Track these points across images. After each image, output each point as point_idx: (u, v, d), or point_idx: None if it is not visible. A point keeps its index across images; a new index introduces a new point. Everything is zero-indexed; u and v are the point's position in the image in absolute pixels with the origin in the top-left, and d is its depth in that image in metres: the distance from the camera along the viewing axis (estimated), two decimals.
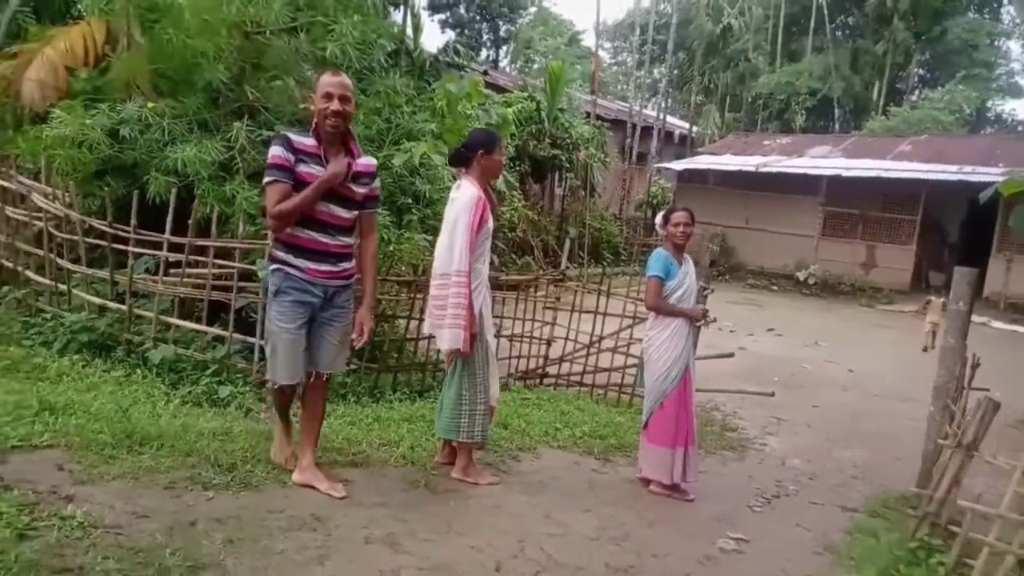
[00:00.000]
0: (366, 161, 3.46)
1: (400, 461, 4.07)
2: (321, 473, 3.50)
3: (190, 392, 4.72)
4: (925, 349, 10.32)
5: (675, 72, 29.80)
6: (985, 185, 6.18)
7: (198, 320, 5.23)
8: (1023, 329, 12.34)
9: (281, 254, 3.33)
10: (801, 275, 17.19)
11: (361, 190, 3.42)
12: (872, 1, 29.97)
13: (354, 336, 3.49)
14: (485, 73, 18.61)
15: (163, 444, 3.57)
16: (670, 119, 25.83)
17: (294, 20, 5.99)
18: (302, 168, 3.24)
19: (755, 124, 29.33)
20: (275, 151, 3.24)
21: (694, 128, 26.64)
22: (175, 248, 5.23)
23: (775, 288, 17.05)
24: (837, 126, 28.20)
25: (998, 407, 3.68)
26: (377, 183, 3.55)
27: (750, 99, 30.68)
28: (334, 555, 2.88)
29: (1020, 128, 28.75)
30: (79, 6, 7.30)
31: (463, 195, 3.84)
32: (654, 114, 23.79)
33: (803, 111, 28.82)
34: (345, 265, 3.44)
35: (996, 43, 31.85)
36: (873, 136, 22.42)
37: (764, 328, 11.34)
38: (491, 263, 4.22)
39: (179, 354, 5.06)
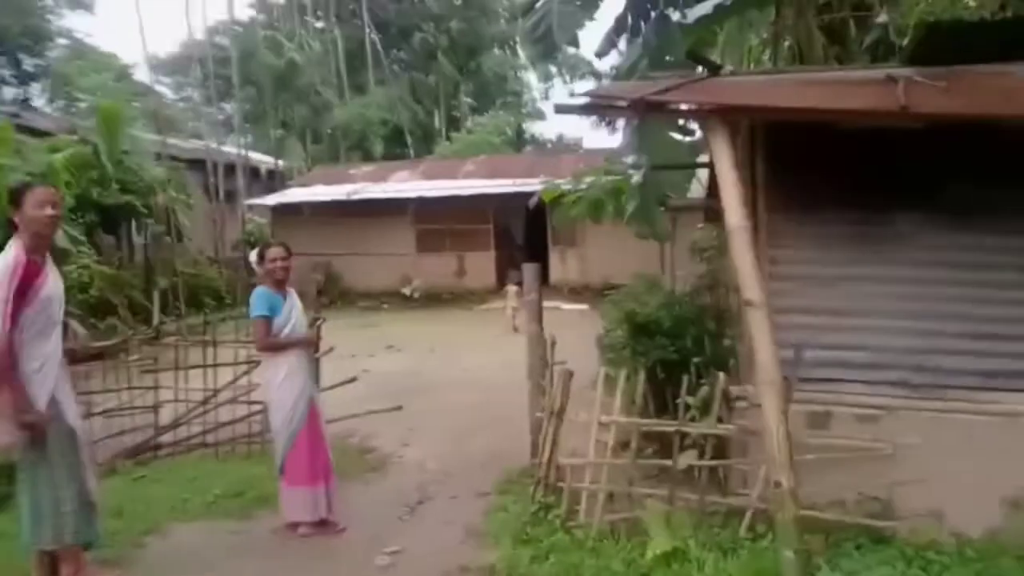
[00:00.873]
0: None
1: None
2: None
3: None
4: (516, 330, 11.91)
5: (247, 107, 29.12)
6: (533, 194, 7.40)
7: None
8: (584, 307, 15.04)
9: None
10: (406, 291, 18.36)
11: None
12: (417, 37, 33.55)
13: None
14: (15, 116, 15.76)
15: None
16: (253, 154, 25.14)
17: None
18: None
19: (338, 155, 30.36)
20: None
21: (280, 162, 26.42)
22: None
23: (386, 307, 17.88)
24: (412, 152, 30.78)
25: (572, 375, 4.44)
26: None
27: (329, 131, 31.66)
28: None
29: (548, 145, 35.23)
30: None
31: None
32: (235, 151, 22.89)
33: (380, 140, 30.82)
34: None
35: (519, 75, 38.43)
36: (443, 159, 25.05)
37: (383, 346, 11.82)
38: (72, 334, 3.60)
39: None
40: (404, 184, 20.17)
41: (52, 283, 3.36)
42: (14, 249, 3.24)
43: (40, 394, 3.25)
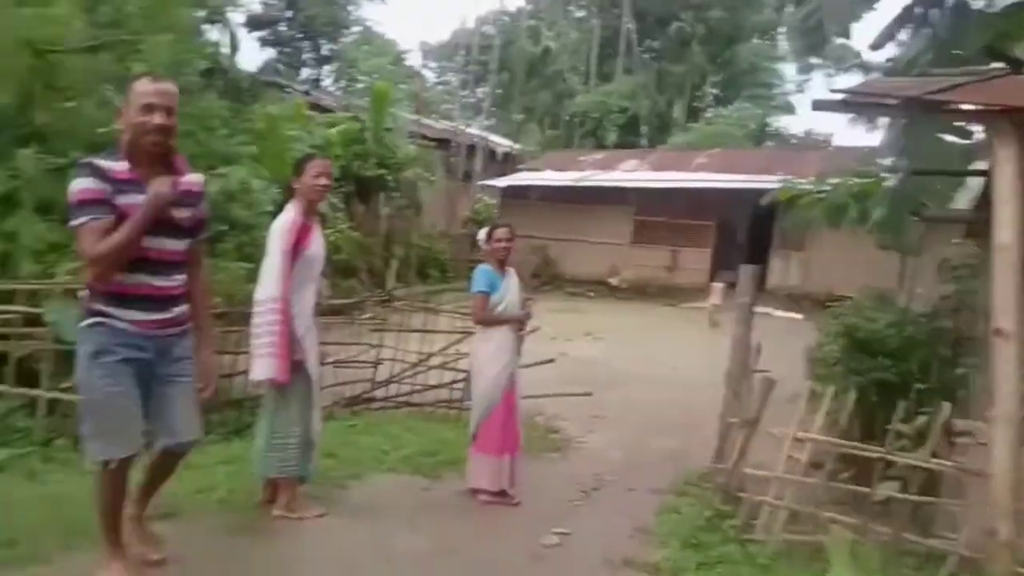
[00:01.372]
0: (192, 179, 2.88)
1: (218, 507, 3.83)
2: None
3: None
4: (715, 325, 11.89)
5: (498, 92, 30.83)
6: (766, 192, 7.04)
7: None
8: (798, 316, 14.06)
9: (99, 306, 2.68)
10: (613, 280, 18.40)
11: (188, 214, 2.82)
12: (674, 27, 32.97)
13: (200, 386, 2.92)
14: (307, 93, 18.17)
15: None
16: (493, 137, 26.65)
17: (95, 39, 5.56)
18: (122, 200, 2.62)
19: (572, 141, 31.03)
20: (82, 184, 2.59)
21: (516, 145, 27.65)
22: None
23: (592, 295, 18.07)
24: (645, 141, 30.56)
25: (773, 385, 4.24)
26: (204, 205, 2.97)
27: (567, 117, 32.44)
28: None
29: (793, 142, 32.86)
30: None
31: (278, 221, 3.81)
32: (478, 133, 24.48)
33: (614, 128, 30.97)
34: (179, 310, 2.84)
35: (774, 66, 36.17)
36: (675, 150, 24.53)
37: (583, 333, 12.03)
38: (319, 290, 4.07)
39: None
40: (630, 174, 20.12)
41: (317, 243, 3.86)
42: (292, 211, 3.79)
43: (296, 339, 3.72)
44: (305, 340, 3.80)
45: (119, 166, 2.67)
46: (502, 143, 27.43)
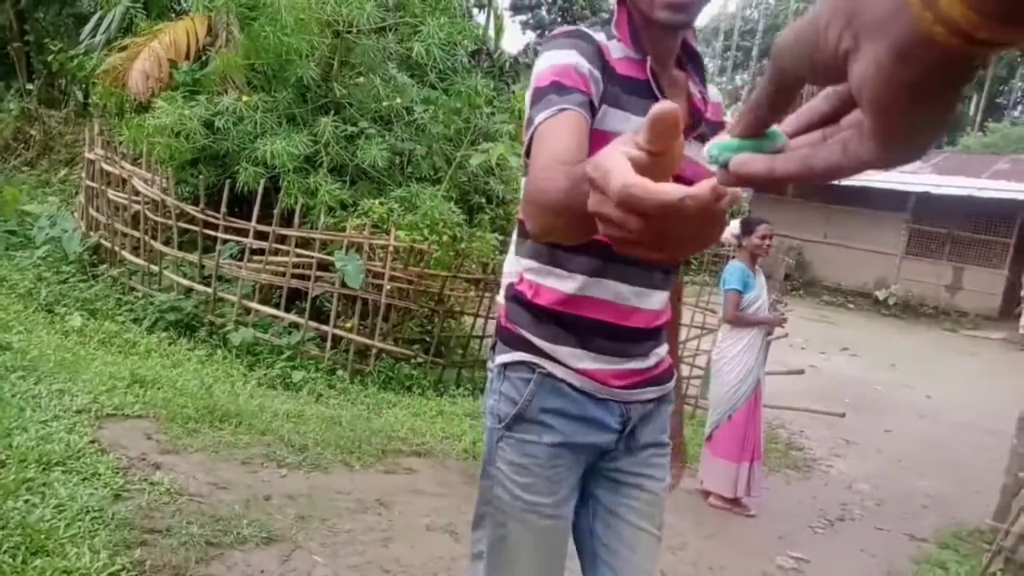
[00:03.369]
0: (713, 96, 1.56)
1: (462, 455, 4.17)
2: None
3: (265, 374, 4.95)
4: None
5: (758, 79, 29.20)
6: None
7: (276, 306, 5.47)
8: None
9: (521, 329, 1.43)
10: (881, 294, 16.54)
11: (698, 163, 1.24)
12: None
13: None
14: None
15: (241, 421, 3.77)
16: None
17: (383, 20, 6.19)
18: (611, 103, 1.33)
19: None
20: (563, 57, 1.28)
21: None
22: (259, 236, 5.49)
23: (851, 306, 16.47)
24: None
25: None
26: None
27: None
28: (397, 539, 3.00)
29: None
30: (184, 2, 7.74)
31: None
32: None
33: None
34: (659, 353, 1.51)
35: None
36: (968, 152, 21.36)
37: (837, 347, 10.98)
38: None
39: (257, 337, 5.30)
40: (909, 176, 17.89)
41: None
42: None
43: None
44: None
45: (617, 48, 1.37)
46: None
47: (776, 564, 3.65)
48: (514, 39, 45.77)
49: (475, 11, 9.15)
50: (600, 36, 1.35)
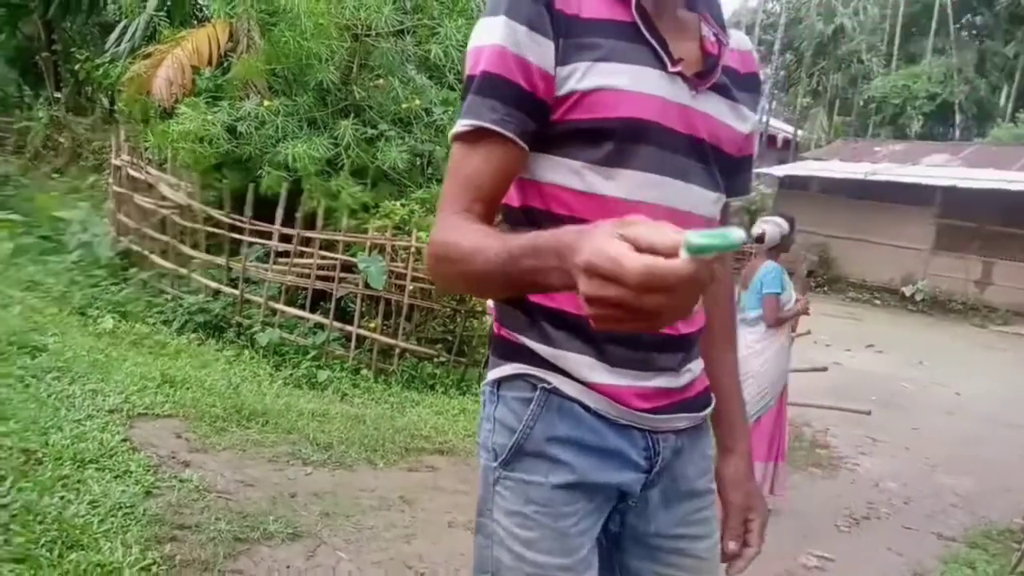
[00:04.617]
0: (739, 43, 1.24)
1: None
2: None
3: (291, 374, 5.03)
4: None
5: (781, 73, 28.90)
6: None
7: (301, 307, 5.56)
8: None
9: (518, 335, 1.07)
10: (908, 290, 16.29)
11: (735, 127, 1.14)
12: (1004, 0, 28.06)
13: (729, 545, 1.21)
14: None
15: (268, 420, 3.84)
16: (774, 122, 25.09)
17: (401, 23, 6.25)
18: (589, 63, 0.97)
19: (866, 129, 27.99)
20: (493, 32, 0.96)
21: (799, 132, 25.72)
22: (284, 239, 5.58)
23: (877, 302, 16.24)
24: (957, 133, 26.52)
25: None
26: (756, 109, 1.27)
27: (862, 103, 29.30)
28: (420, 535, 3.04)
29: None
30: (206, 9, 7.87)
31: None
32: (757, 116, 23.24)
33: (920, 116, 27.26)
34: (693, 370, 1.14)
35: None
36: (999, 145, 20.94)
37: (863, 343, 10.84)
38: None
39: (283, 338, 5.39)
40: (936, 169, 17.59)
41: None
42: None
43: None
44: None
45: None
46: (783, 128, 25.70)
47: (799, 562, 3.64)
48: None
49: None
50: None
